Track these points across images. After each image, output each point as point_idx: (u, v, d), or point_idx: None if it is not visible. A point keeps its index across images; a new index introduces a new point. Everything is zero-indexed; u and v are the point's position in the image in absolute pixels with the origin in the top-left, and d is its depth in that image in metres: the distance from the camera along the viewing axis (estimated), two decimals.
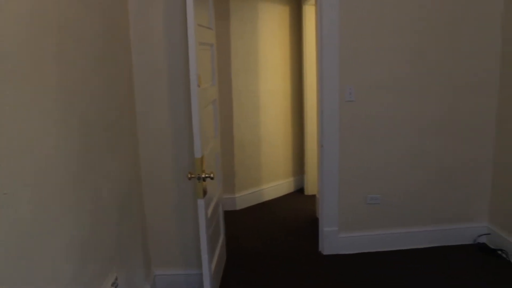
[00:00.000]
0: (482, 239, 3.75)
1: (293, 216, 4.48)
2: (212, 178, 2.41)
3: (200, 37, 2.53)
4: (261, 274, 3.29)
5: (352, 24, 3.29)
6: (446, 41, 3.42)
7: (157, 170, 2.95)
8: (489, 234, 3.71)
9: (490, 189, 3.70)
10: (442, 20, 3.39)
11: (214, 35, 3.17)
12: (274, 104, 4.91)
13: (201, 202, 2.43)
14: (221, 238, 3.29)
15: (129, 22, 2.74)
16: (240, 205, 4.68)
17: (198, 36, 2.42)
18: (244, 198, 4.71)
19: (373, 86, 3.39)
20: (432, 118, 3.52)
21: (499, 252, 3.53)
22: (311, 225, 4.11)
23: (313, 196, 4.85)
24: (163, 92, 2.86)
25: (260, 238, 3.94)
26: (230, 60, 4.39)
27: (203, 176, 2.39)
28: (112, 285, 2.13)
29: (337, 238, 3.55)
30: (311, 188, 5.06)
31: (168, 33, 2.81)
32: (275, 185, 5.07)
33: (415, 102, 3.47)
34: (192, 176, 2.39)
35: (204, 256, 2.52)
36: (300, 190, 5.31)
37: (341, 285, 3.11)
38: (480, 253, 3.59)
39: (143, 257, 2.84)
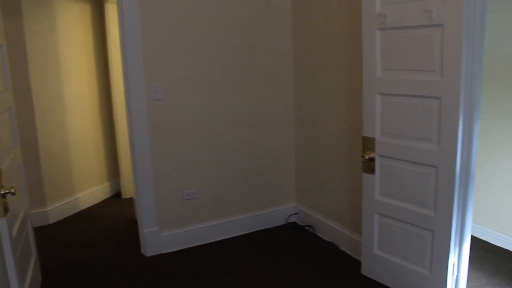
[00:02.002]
0: (292, 219, 4.36)
1: (113, 221, 4.56)
2: (13, 194, 2.38)
3: None
4: (83, 286, 3.34)
5: (155, 22, 3.45)
6: (246, 38, 3.84)
7: None
8: (297, 213, 4.33)
9: (294, 173, 4.33)
10: (241, 18, 3.79)
11: (2, 34, 3.06)
12: (82, 107, 4.87)
13: (3, 222, 2.35)
14: (33, 258, 3.22)
15: None
16: (54, 218, 4.57)
17: None
18: (58, 210, 4.61)
19: (180, 83, 3.64)
20: (238, 111, 3.93)
21: (307, 227, 4.15)
22: (132, 228, 4.23)
23: (131, 199, 4.97)
24: None
25: (80, 249, 3.93)
26: (26, 62, 4.21)
27: (2, 192, 2.33)
28: None
29: (158, 238, 3.77)
30: (128, 191, 5.17)
31: None
32: (91, 192, 5.06)
33: (220, 97, 3.82)
34: None
35: (13, 281, 2.44)
36: (117, 194, 5.37)
37: (164, 284, 3.31)
38: (291, 230, 4.17)
39: None
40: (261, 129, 4.06)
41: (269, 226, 4.26)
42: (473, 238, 3.73)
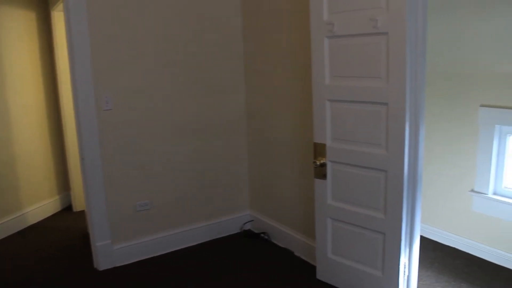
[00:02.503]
0: (247, 226, 4.36)
1: (64, 236, 4.41)
2: None
3: None
4: None
5: (104, 31, 3.38)
6: (197, 47, 3.82)
7: None
8: (252, 220, 4.34)
9: (248, 181, 4.34)
10: (192, 28, 3.78)
11: None
12: (29, 119, 4.71)
13: None
14: None
15: None
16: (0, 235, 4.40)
17: None
18: (3, 226, 4.44)
19: (131, 93, 3.57)
20: (190, 120, 3.90)
21: (262, 235, 4.16)
22: (84, 242, 4.13)
23: (83, 212, 4.84)
24: None
25: (29, 266, 3.78)
26: None
27: None
28: None
29: (111, 251, 3.68)
30: (79, 203, 5.03)
31: None
32: (40, 206, 4.88)
33: (171, 106, 3.78)
34: None
35: None
36: (68, 208, 5.20)
37: None
38: (246, 238, 4.18)
39: None
40: (213, 138, 4.05)
41: (224, 235, 4.24)
42: (423, 238, 3.86)
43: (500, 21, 3.46)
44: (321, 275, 3.28)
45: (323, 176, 3.00)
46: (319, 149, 2.99)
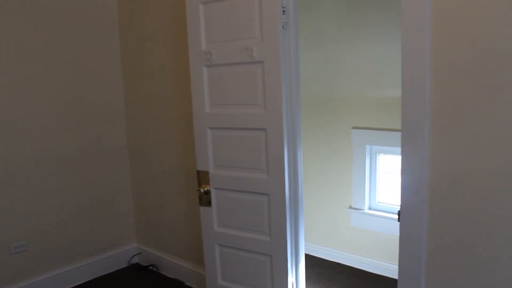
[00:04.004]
0: (135, 259, 4.21)
1: None
2: None
3: None
4: None
5: None
6: (74, 76, 3.67)
7: None
8: (140, 253, 4.20)
9: (134, 212, 4.21)
10: (65, 56, 3.64)
11: None
12: None
13: None
14: None
15: None
16: None
17: None
18: None
19: (2, 126, 3.34)
20: (69, 153, 3.69)
21: (151, 267, 4.04)
22: None
23: None
24: None
25: None
26: None
27: None
28: None
29: None
30: None
31: None
32: None
33: (48, 138, 3.56)
34: None
35: None
36: None
37: None
38: (135, 272, 4.02)
39: None
40: (93, 170, 3.88)
41: (111, 271, 4.05)
42: (309, 256, 3.99)
43: (366, 53, 3.77)
44: None
45: (208, 203, 3.00)
46: (202, 177, 2.98)
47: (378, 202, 3.98)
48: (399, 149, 2.11)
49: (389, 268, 3.74)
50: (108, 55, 3.91)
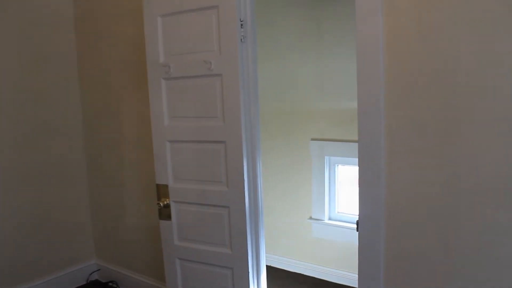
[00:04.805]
0: (94, 276, 4.09)
1: None
2: None
3: None
4: None
5: None
6: (26, 90, 3.57)
7: None
8: (99, 269, 4.09)
9: (92, 228, 4.10)
10: (19, 66, 3.53)
11: None
12: None
13: None
14: None
15: None
16: None
17: None
18: None
19: None
20: (21, 170, 3.56)
21: (110, 284, 3.94)
22: None
23: None
24: None
25: None
26: None
27: None
28: None
29: None
30: None
31: None
32: None
33: None
34: None
35: None
36: None
37: None
38: None
39: None
40: (48, 185, 3.75)
41: None
42: (271, 268, 3.99)
43: (323, 67, 3.83)
44: None
45: (168, 217, 2.95)
46: (162, 190, 2.94)
47: (338, 212, 4.02)
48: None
49: (349, 277, 3.78)
50: (64, 71, 3.81)
